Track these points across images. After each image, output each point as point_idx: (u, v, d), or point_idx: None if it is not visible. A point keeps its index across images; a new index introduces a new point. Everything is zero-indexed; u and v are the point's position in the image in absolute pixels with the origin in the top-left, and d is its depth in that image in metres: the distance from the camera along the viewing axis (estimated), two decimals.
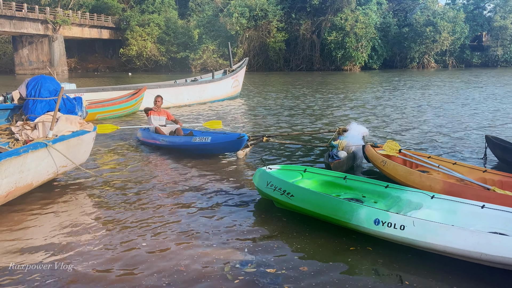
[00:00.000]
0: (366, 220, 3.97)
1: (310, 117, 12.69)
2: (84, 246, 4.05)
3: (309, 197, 4.52)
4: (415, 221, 3.76)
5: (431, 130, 10.37)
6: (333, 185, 5.34)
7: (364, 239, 4.12)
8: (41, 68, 47.53)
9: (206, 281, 3.44)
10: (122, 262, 3.74)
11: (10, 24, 45.19)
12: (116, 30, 57.31)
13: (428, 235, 3.65)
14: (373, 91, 21.89)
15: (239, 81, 19.36)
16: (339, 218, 4.18)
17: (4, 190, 4.67)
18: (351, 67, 50.46)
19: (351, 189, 5.19)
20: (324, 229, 4.40)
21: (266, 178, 5.02)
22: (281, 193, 4.69)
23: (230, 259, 3.78)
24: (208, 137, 7.39)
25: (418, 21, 51.33)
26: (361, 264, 3.76)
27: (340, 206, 4.20)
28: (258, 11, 49.20)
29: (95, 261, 3.75)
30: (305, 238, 4.26)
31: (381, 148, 6.64)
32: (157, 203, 5.26)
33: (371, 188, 5.05)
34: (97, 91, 14.53)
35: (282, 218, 4.78)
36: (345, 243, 4.11)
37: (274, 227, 4.54)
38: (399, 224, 3.79)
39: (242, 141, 7.19)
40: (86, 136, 6.04)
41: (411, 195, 4.65)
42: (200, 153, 7.60)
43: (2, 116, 6.50)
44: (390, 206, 4.56)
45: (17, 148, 4.90)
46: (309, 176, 5.53)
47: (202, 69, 48.95)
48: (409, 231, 3.73)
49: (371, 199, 4.89)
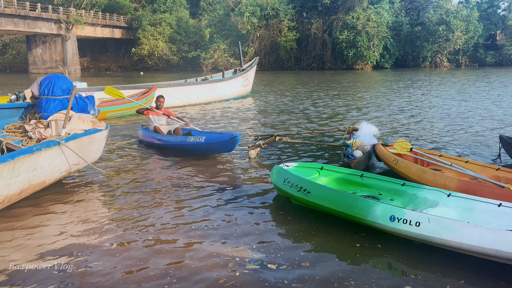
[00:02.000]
0: (382, 216, 4.01)
1: (321, 116, 12.66)
2: (94, 243, 4.09)
3: (326, 194, 4.57)
4: (430, 218, 3.78)
5: (442, 129, 10.28)
6: (349, 182, 5.40)
7: (374, 237, 4.14)
8: (54, 67, 48.05)
9: (209, 276, 3.48)
10: (129, 258, 3.78)
11: (24, 24, 45.79)
12: (128, 30, 57.73)
13: (444, 232, 3.67)
14: (384, 90, 21.76)
15: (249, 80, 19.37)
16: (355, 214, 4.23)
17: (18, 188, 4.73)
18: (362, 66, 50.20)
19: (368, 187, 5.24)
20: (335, 226, 4.44)
21: (283, 175, 5.08)
22: (297, 189, 4.75)
23: (237, 256, 3.81)
24: (203, 137, 7.34)
25: (431, 20, 50.88)
26: (367, 260, 3.76)
27: (356, 203, 4.26)
28: (269, 10, 49.18)
29: (105, 257, 3.79)
30: (314, 234, 4.28)
31: (392, 147, 6.62)
32: (168, 201, 5.29)
33: (388, 186, 5.08)
34: None
35: (294, 215, 4.80)
36: (354, 240, 4.13)
37: (285, 224, 4.57)
38: (414, 221, 3.82)
39: (235, 142, 7.08)
40: (98, 135, 6.10)
41: (427, 193, 4.66)
42: (197, 153, 7.56)
43: (16, 115, 6.59)
44: (406, 204, 4.59)
45: (31, 146, 4.96)
46: (326, 173, 5.60)
47: (213, 68, 49.07)
48: (425, 227, 3.76)
49: (388, 197, 4.93)
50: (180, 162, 7.21)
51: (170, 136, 8.10)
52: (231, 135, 7.08)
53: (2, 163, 4.33)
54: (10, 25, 44.55)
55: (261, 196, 5.49)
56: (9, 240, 4.19)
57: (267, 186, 5.85)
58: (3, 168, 4.37)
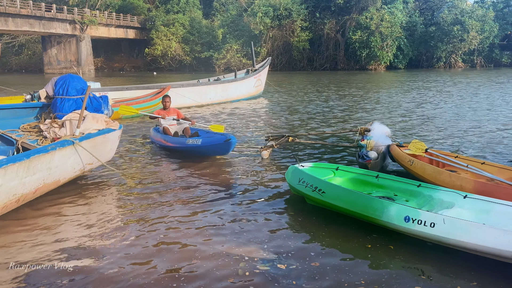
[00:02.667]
0: (397, 217, 4.01)
1: (333, 117, 12.60)
2: (106, 241, 4.13)
3: (340, 194, 4.59)
4: (445, 219, 3.76)
5: (457, 130, 10.16)
6: (365, 183, 5.40)
7: (387, 238, 4.13)
8: (69, 67, 48.57)
9: (219, 275, 3.50)
10: (141, 256, 3.82)
11: (40, 25, 46.36)
12: (142, 30, 58.12)
13: (459, 233, 3.64)
14: (397, 91, 21.59)
15: (261, 80, 19.37)
16: (369, 215, 4.23)
17: (33, 187, 4.79)
18: (376, 67, 49.86)
19: (383, 188, 5.23)
20: (347, 226, 4.44)
21: (298, 175, 5.11)
22: (312, 189, 4.78)
23: (248, 255, 3.82)
24: (199, 140, 7.34)
25: (446, 20, 50.30)
26: (379, 260, 3.75)
27: (371, 203, 4.26)
28: (282, 11, 49.10)
29: (116, 254, 3.83)
30: (325, 235, 4.29)
31: (407, 147, 6.56)
32: (181, 200, 5.31)
33: (403, 187, 5.07)
34: (121, 90, 14.75)
35: (306, 215, 4.79)
36: (366, 241, 4.12)
37: (296, 224, 4.57)
38: (429, 222, 3.80)
39: (229, 144, 7.01)
40: (111, 134, 6.15)
41: (443, 194, 4.63)
42: (197, 155, 7.51)
43: (31, 114, 6.68)
44: (421, 205, 4.56)
45: (45, 146, 5.02)
46: (341, 174, 5.61)
47: (225, 68, 49.15)
48: (440, 228, 3.74)
49: (403, 198, 4.92)
50: (192, 163, 7.22)
51: (172, 138, 8.04)
52: (225, 138, 7.04)
53: (17, 162, 4.39)
54: (26, 26, 45.15)
55: (275, 196, 5.48)
56: (23, 238, 4.24)
57: (280, 187, 5.84)
58: (18, 167, 4.43)
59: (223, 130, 8.64)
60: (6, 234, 4.34)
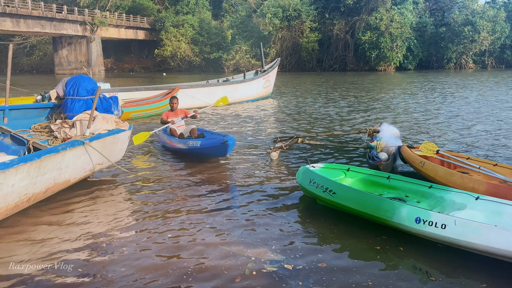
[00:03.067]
0: (408, 218, 3.99)
1: (342, 118, 12.56)
2: (115, 239, 4.15)
3: (351, 195, 4.58)
4: (456, 220, 3.74)
5: (468, 132, 10.07)
6: (376, 184, 5.39)
7: (397, 239, 4.12)
8: (79, 68, 48.99)
9: (226, 274, 3.53)
10: (150, 254, 3.84)
11: (51, 26, 46.82)
12: (151, 31, 58.43)
13: (470, 235, 3.62)
14: (406, 92, 21.45)
15: (270, 81, 19.36)
16: (380, 216, 4.22)
17: (44, 186, 4.83)
18: (385, 68, 49.67)
19: (394, 189, 5.21)
20: (356, 227, 4.43)
21: (309, 175, 5.12)
22: (323, 190, 4.78)
23: (255, 256, 3.83)
24: (199, 142, 7.32)
25: (456, 21, 49.99)
26: (387, 262, 3.74)
27: (382, 204, 4.25)
28: (292, 11, 49.08)
29: (125, 253, 3.85)
30: (334, 236, 4.28)
31: (417, 149, 6.52)
32: (191, 200, 5.32)
33: (415, 188, 5.04)
34: (131, 90, 14.83)
35: (315, 216, 4.79)
36: (375, 243, 4.11)
37: (305, 225, 4.56)
38: (440, 223, 3.79)
39: (226, 146, 6.95)
40: (121, 135, 6.18)
41: (455, 195, 4.60)
42: (200, 157, 7.46)
43: (42, 115, 6.74)
44: (433, 206, 4.54)
45: (56, 146, 5.05)
46: (352, 175, 5.60)
47: (234, 69, 49.25)
48: (451, 230, 3.72)
49: (414, 199, 4.90)
50: (201, 163, 7.23)
51: (175, 139, 7.97)
52: (222, 140, 6.97)
53: (28, 162, 4.43)
54: (37, 27, 45.61)
55: (284, 197, 5.47)
56: (33, 237, 4.28)
57: (290, 188, 5.83)
58: (29, 167, 4.46)
59: (227, 101, 8.96)
60: (17, 233, 4.38)
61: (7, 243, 4.17)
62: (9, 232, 4.41)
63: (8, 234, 4.36)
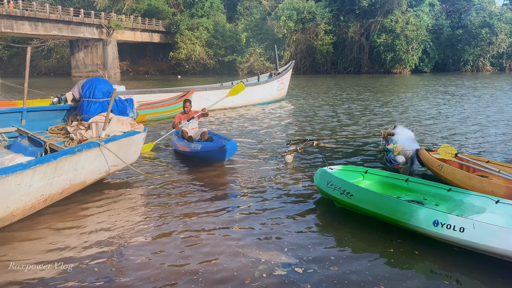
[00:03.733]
0: (425, 221, 3.96)
1: (357, 121, 12.48)
2: (129, 240, 4.19)
3: (369, 197, 4.57)
4: (475, 224, 3.69)
5: (487, 135, 9.92)
6: (394, 187, 5.36)
7: (412, 242, 4.09)
8: (95, 71, 49.52)
9: (236, 276, 3.55)
10: (163, 255, 3.86)
11: (68, 29, 47.46)
12: (167, 34, 58.84)
13: (489, 238, 3.57)
14: (422, 94, 21.24)
15: (284, 84, 19.33)
16: (398, 218, 4.20)
17: (60, 187, 4.89)
18: (401, 70, 49.26)
19: (413, 192, 5.17)
20: (370, 230, 4.43)
21: (326, 177, 5.12)
22: (340, 192, 4.78)
23: (267, 258, 3.84)
24: (199, 145, 7.28)
25: (473, 23, 49.38)
26: (401, 265, 3.72)
27: (399, 207, 4.23)
28: (306, 14, 49.00)
29: (139, 252, 3.89)
30: (348, 239, 4.28)
31: (436, 152, 6.45)
32: (205, 202, 5.33)
33: (433, 191, 4.99)
34: (145, 93, 14.93)
35: (329, 219, 4.78)
36: (390, 246, 4.09)
37: (319, 228, 4.55)
38: (458, 226, 3.75)
39: (225, 151, 6.82)
40: (136, 137, 6.23)
41: (474, 199, 4.53)
42: (203, 161, 7.43)
43: (59, 116, 6.84)
44: (451, 210, 4.50)
45: (72, 147, 5.12)
46: (370, 177, 5.58)
47: (248, 72, 49.31)
48: (469, 233, 3.68)
49: (433, 202, 4.85)
50: (216, 166, 7.24)
51: (182, 141, 7.91)
52: (220, 144, 6.85)
53: (45, 163, 4.49)
54: (55, 30, 46.28)
55: (299, 200, 5.46)
56: (48, 238, 4.34)
57: (305, 191, 5.82)
58: (46, 168, 4.53)
59: (243, 87, 9.11)
60: (32, 234, 4.44)
61: (22, 243, 4.22)
62: (24, 232, 4.46)
63: (23, 234, 4.42)
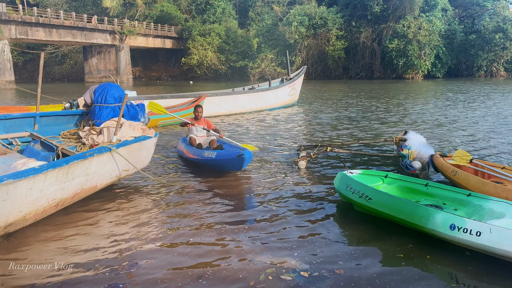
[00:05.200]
0: (442, 225, 3.99)
1: (369, 126, 12.40)
2: (139, 243, 4.20)
3: (387, 201, 4.61)
4: (492, 228, 3.69)
5: (503, 141, 9.78)
6: (414, 191, 5.37)
7: (425, 248, 4.10)
8: (108, 76, 50.01)
9: (240, 280, 3.56)
10: (172, 255, 3.88)
11: (82, 35, 48.05)
12: (179, 40, 59.25)
13: (506, 243, 3.56)
14: (435, 100, 21.05)
15: (296, 89, 19.32)
16: (415, 222, 4.24)
17: (71, 192, 4.91)
18: (413, 76, 48.96)
19: (432, 196, 5.17)
20: (382, 235, 4.45)
21: (346, 181, 5.20)
22: (359, 195, 4.85)
23: (275, 263, 3.84)
24: (214, 153, 6.97)
25: (487, 28, 48.93)
26: (411, 270, 3.71)
27: (417, 211, 4.26)
28: (318, 20, 49.01)
29: (148, 254, 3.90)
30: (360, 243, 4.31)
31: (451, 157, 6.40)
32: (217, 208, 5.32)
33: (452, 195, 4.99)
34: (156, 98, 14.96)
35: (343, 224, 4.78)
36: (401, 250, 4.10)
37: (329, 232, 4.53)
38: (475, 231, 3.75)
39: (242, 160, 6.47)
40: (147, 142, 6.25)
41: (493, 204, 4.51)
42: (215, 169, 7.17)
43: (71, 121, 6.89)
44: (470, 215, 4.49)
45: (84, 152, 5.15)
46: (390, 181, 5.61)
47: (260, 77, 49.40)
48: (486, 237, 3.67)
49: (452, 207, 4.85)
50: (229, 171, 7.22)
51: (192, 149, 7.68)
52: (238, 153, 6.53)
53: (57, 168, 4.52)
54: (69, 36, 46.89)
55: (311, 205, 5.44)
56: (58, 241, 4.36)
57: (318, 196, 5.80)
58: (58, 172, 4.55)
59: (254, 149, 8.31)
60: (43, 237, 4.46)
61: (35, 247, 4.25)
62: (35, 236, 4.49)
63: (35, 238, 4.45)
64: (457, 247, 3.98)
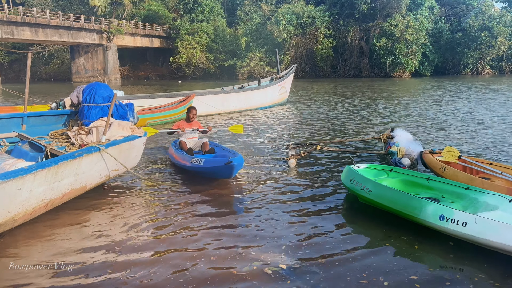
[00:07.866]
0: (432, 215, 4.25)
1: (358, 124, 12.49)
2: (131, 245, 4.18)
3: (384, 193, 4.90)
4: (477, 219, 3.93)
5: (490, 137, 9.92)
6: (415, 184, 5.62)
7: (413, 238, 4.35)
8: (95, 76, 49.69)
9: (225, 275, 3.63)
10: (168, 255, 3.87)
11: (68, 35, 47.64)
12: (167, 39, 59.02)
13: (489, 233, 3.79)
14: (424, 98, 21.24)
15: (286, 88, 19.37)
16: (408, 213, 4.51)
17: (60, 192, 4.88)
18: (400, 74, 49.35)
19: (432, 189, 5.41)
20: (378, 226, 4.64)
21: (350, 174, 5.52)
22: (361, 188, 5.17)
23: (263, 257, 3.89)
24: (202, 160, 6.56)
25: (473, 26, 49.44)
26: (400, 260, 3.90)
27: (411, 202, 4.54)
28: (306, 18, 49.19)
29: (142, 258, 3.88)
30: (353, 237, 4.43)
31: (440, 154, 6.54)
32: (207, 205, 5.34)
33: (451, 189, 5.21)
34: (144, 98, 14.89)
35: (335, 219, 4.88)
36: (391, 241, 4.30)
37: (323, 229, 4.57)
38: (461, 221, 4.00)
39: (231, 168, 6.10)
40: (137, 141, 6.23)
41: (489, 197, 4.72)
42: (203, 177, 6.81)
43: (60, 121, 6.84)
44: (466, 207, 4.72)
45: (73, 152, 5.12)
46: (394, 175, 5.89)
47: (249, 76, 49.41)
48: (471, 228, 3.92)
49: (449, 200, 5.08)
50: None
51: (181, 154, 7.33)
52: (226, 160, 6.18)
53: (46, 168, 4.49)
54: (56, 36, 46.46)
55: (302, 202, 5.47)
56: (48, 241, 4.34)
57: (308, 193, 5.85)
58: (47, 173, 4.53)
59: (242, 129, 8.72)
60: (32, 238, 4.44)
61: (24, 247, 4.22)
62: (24, 237, 4.46)
63: (24, 239, 4.42)
64: (444, 238, 4.21)
